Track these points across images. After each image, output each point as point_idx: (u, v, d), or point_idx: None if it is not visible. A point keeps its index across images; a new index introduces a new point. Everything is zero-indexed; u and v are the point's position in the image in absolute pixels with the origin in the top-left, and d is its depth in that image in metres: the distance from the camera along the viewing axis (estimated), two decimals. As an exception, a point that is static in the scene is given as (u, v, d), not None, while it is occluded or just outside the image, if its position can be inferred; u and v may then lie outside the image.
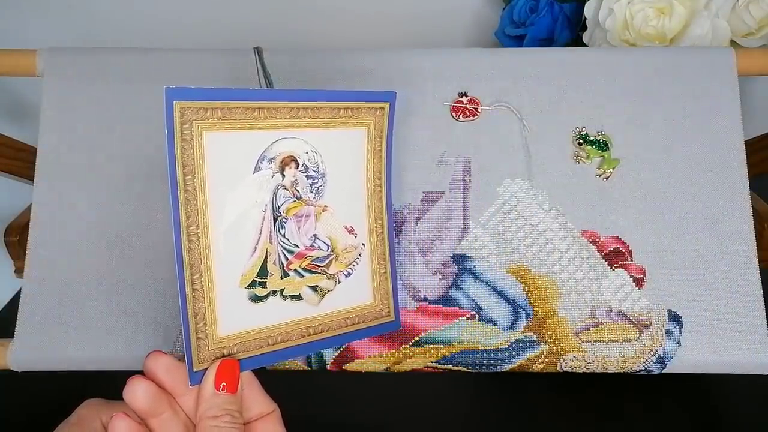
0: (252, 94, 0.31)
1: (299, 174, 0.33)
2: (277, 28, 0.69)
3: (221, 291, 0.31)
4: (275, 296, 0.33)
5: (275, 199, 0.32)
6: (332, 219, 0.35)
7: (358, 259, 0.36)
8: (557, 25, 0.60)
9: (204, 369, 0.31)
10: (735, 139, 0.42)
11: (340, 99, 0.34)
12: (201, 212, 0.30)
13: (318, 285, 0.34)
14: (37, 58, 0.43)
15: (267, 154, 0.32)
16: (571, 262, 0.41)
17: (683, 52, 0.44)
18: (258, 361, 0.32)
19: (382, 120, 0.36)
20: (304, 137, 0.33)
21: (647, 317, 0.40)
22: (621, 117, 0.43)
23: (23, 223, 0.57)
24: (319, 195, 0.34)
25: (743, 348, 0.39)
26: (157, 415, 0.30)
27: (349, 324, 0.35)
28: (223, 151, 0.30)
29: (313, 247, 0.34)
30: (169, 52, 0.44)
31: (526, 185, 0.42)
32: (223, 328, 0.31)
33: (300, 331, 0.34)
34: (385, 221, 0.37)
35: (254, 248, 0.32)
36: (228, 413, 0.29)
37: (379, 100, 0.35)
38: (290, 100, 0.32)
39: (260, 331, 0.32)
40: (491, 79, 0.44)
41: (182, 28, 0.68)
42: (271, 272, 0.33)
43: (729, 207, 0.41)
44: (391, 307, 0.37)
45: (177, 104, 0.28)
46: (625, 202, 0.42)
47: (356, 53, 0.44)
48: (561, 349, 0.39)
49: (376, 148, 0.36)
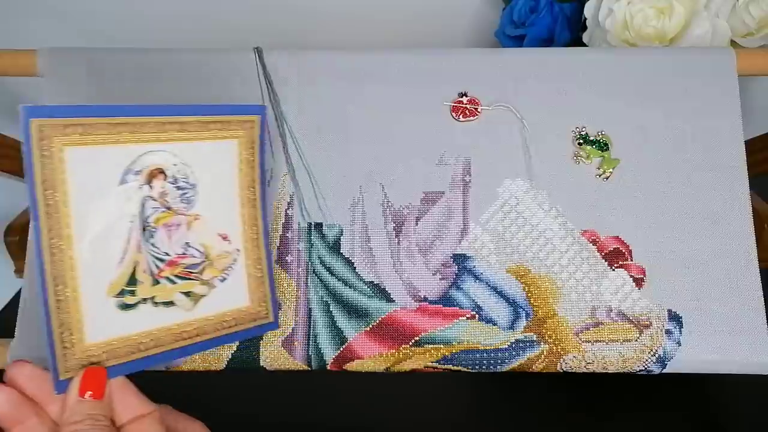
0: (114, 110, 0.31)
1: (168, 185, 0.34)
2: (277, 28, 0.69)
3: (88, 300, 0.32)
4: (146, 303, 0.34)
5: (143, 210, 0.33)
6: (204, 227, 0.36)
7: (234, 264, 0.37)
8: (557, 26, 0.60)
9: (70, 378, 0.31)
10: (735, 140, 0.42)
11: (208, 113, 0.35)
12: (64, 224, 0.30)
13: (192, 291, 0.35)
14: (37, 58, 0.43)
15: (133, 167, 0.33)
16: (571, 262, 0.41)
17: (683, 53, 0.44)
18: (129, 367, 0.33)
19: (254, 132, 0.37)
20: (172, 150, 0.34)
21: (647, 317, 0.40)
22: (621, 117, 0.43)
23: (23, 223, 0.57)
24: (190, 204, 0.35)
25: (743, 348, 0.39)
26: (21, 423, 0.31)
27: (225, 327, 0.37)
28: (86, 166, 0.31)
29: (186, 255, 0.35)
30: (169, 52, 0.44)
31: (526, 185, 0.42)
32: (90, 336, 0.32)
33: (173, 336, 0.35)
34: (260, 228, 0.38)
35: (122, 258, 0.33)
36: (90, 418, 0.30)
37: (249, 113, 0.36)
38: (155, 115, 0.33)
39: (130, 338, 0.33)
40: (491, 79, 0.44)
41: (182, 28, 0.68)
42: (141, 280, 0.33)
43: (729, 207, 0.41)
44: (270, 309, 0.38)
45: (34, 122, 0.29)
46: (625, 202, 0.42)
47: (356, 53, 0.44)
48: (561, 349, 0.39)
49: (248, 159, 0.37)
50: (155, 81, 0.43)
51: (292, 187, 0.42)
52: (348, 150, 0.43)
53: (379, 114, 0.43)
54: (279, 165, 0.42)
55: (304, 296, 0.41)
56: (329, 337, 0.40)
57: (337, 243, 0.41)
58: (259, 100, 0.43)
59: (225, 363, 0.39)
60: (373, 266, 0.41)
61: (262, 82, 0.43)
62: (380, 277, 0.41)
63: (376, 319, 0.40)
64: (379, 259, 0.41)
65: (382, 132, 0.43)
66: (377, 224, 0.42)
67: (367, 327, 0.40)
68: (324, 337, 0.40)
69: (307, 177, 0.42)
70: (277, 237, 0.41)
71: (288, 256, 0.41)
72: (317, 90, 0.44)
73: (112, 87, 0.43)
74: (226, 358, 0.39)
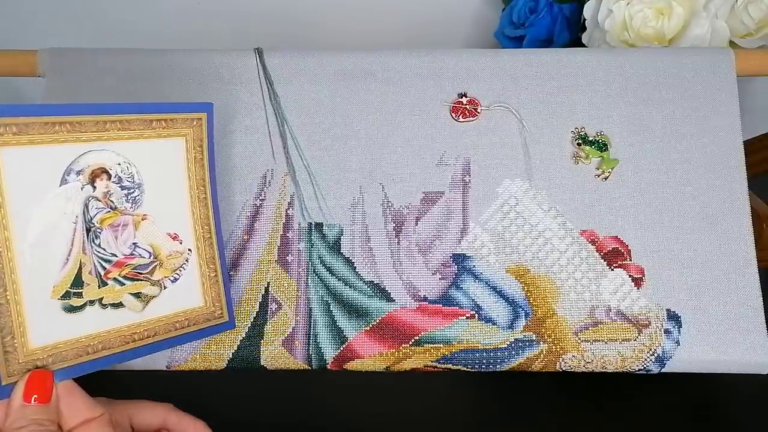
0: (48, 109, 0.31)
1: (112, 185, 0.33)
2: (277, 28, 0.69)
3: (31, 304, 0.31)
4: (93, 305, 0.33)
5: (87, 211, 0.33)
6: (153, 227, 0.35)
7: (185, 264, 0.36)
8: (556, 26, 0.61)
9: (14, 382, 0.31)
10: (734, 140, 0.42)
11: (150, 111, 0.34)
12: (1, 227, 0.30)
13: (141, 292, 0.35)
14: (37, 59, 0.43)
15: (74, 167, 0.32)
16: (570, 261, 0.41)
17: (682, 53, 0.45)
18: (76, 370, 0.32)
19: (201, 130, 0.36)
20: (115, 149, 0.33)
21: (646, 317, 0.40)
22: (620, 117, 0.43)
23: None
24: (136, 204, 0.35)
25: (742, 347, 0.39)
26: None
27: (178, 327, 0.36)
28: (22, 166, 0.30)
29: (134, 256, 0.35)
30: (169, 53, 0.44)
31: (526, 185, 0.42)
32: (34, 340, 0.31)
33: (123, 338, 0.34)
34: (213, 226, 0.38)
35: (66, 259, 0.32)
36: (35, 423, 0.30)
37: (194, 111, 0.36)
38: (94, 114, 0.32)
39: (78, 341, 0.33)
40: (491, 79, 0.44)
41: (182, 28, 0.68)
42: (87, 282, 0.33)
43: (728, 207, 0.41)
44: (224, 308, 0.38)
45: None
46: (624, 202, 0.42)
47: (356, 53, 0.44)
48: (560, 349, 0.40)
49: (197, 157, 0.37)
50: (155, 82, 0.43)
51: (292, 187, 0.42)
52: (348, 150, 0.43)
53: (379, 114, 0.43)
54: (279, 165, 0.42)
55: (304, 296, 0.41)
56: (329, 336, 0.40)
57: (337, 243, 0.41)
58: (260, 100, 0.43)
59: (226, 362, 0.39)
60: (373, 266, 0.41)
61: (262, 83, 0.43)
62: (380, 277, 0.41)
63: (376, 318, 0.40)
64: (379, 258, 0.41)
65: (382, 132, 0.43)
66: (377, 224, 0.42)
67: (367, 326, 0.40)
68: (324, 336, 0.40)
69: (308, 177, 0.42)
70: (278, 237, 0.41)
71: (288, 255, 0.41)
72: (317, 90, 0.44)
73: (112, 87, 0.43)
74: (227, 357, 0.39)
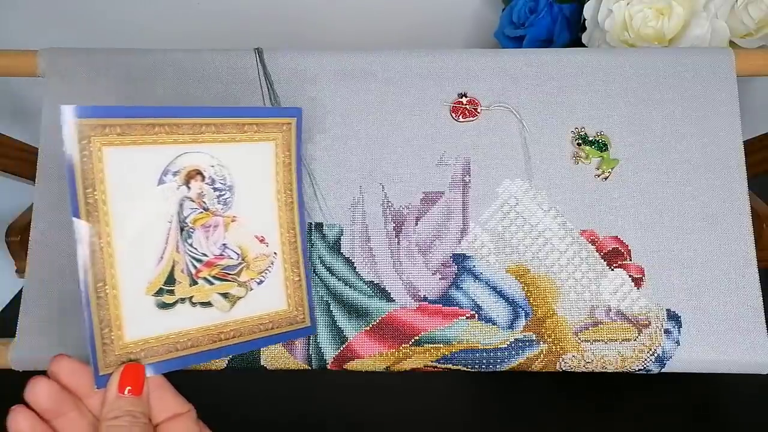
0: (150, 111, 0.32)
1: (206, 186, 0.34)
2: (277, 28, 0.69)
3: (127, 298, 0.32)
4: (184, 303, 0.34)
5: (181, 210, 0.34)
6: (242, 229, 0.36)
7: (270, 267, 0.37)
8: (556, 26, 0.61)
9: (110, 373, 0.32)
10: (733, 140, 0.42)
11: (244, 115, 0.35)
12: (103, 223, 0.31)
13: (229, 292, 0.36)
14: (37, 59, 0.43)
15: (171, 168, 0.33)
16: (570, 261, 0.41)
17: (682, 53, 0.45)
18: (166, 365, 0.34)
19: (290, 134, 0.37)
20: (209, 151, 0.34)
21: (646, 317, 0.40)
22: (620, 117, 0.43)
23: (24, 223, 0.57)
24: (227, 206, 0.35)
25: (742, 347, 0.39)
26: (62, 415, 0.31)
27: (262, 329, 0.37)
28: (124, 166, 0.31)
29: (223, 256, 0.35)
30: (169, 53, 0.44)
31: (526, 185, 0.42)
32: (129, 333, 0.32)
33: (210, 337, 0.35)
34: (298, 231, 0.38)
35: (161, 257, 0.33)
36: (129, 414, 0.31)
37: (284, 116, 0.37)
38: (192, 116, 0.33)
39: (168, 337, 0.34)
40: (491, 79, 0.44)
41: (182, 28, 0.68)
42: (179, 280, 0.34)
43: (728, 207, 0.41)
44: (306, 313, 0.38)
45: (74, 122, 0.30)
46: (624, 202, 0.42)
47: (356, 53, 0.44)
48: (560, 349, 0.40)
49: (285, 161, 0.37)
50: (156, 81, 0.43)
51: (292, 187, 0.42)
52: (348, 150, 0.43)
53: (379, 114, 0.43)
54: (279, 165, 0.42)
55: (304, 296, 0.41)
56: (329, 336, 0.40)
57: (337, 243, 0.41)
58: (259, 100, 0.43)
59: (226, 362, 0.39)
60: (373, 266, 0.41)
61: (262, 83, 0.44)
62: (380, 277, 0.41)
63: (376, 318, 0.40)
64: (379, 258, 0.41)
65: (382, 132, 0.43)
66: (377, 224, 0.42)
67: (367, 326, 0.40)
68: (324, 336, 0.40)
69: (308, 177, 0.42)
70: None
71: (288, 255, 0.41)
72: (317, 90, 0.44)
73: (112, 87, 0.43)
74: (227, 357, 0.39)
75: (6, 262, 0.59)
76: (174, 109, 0.33)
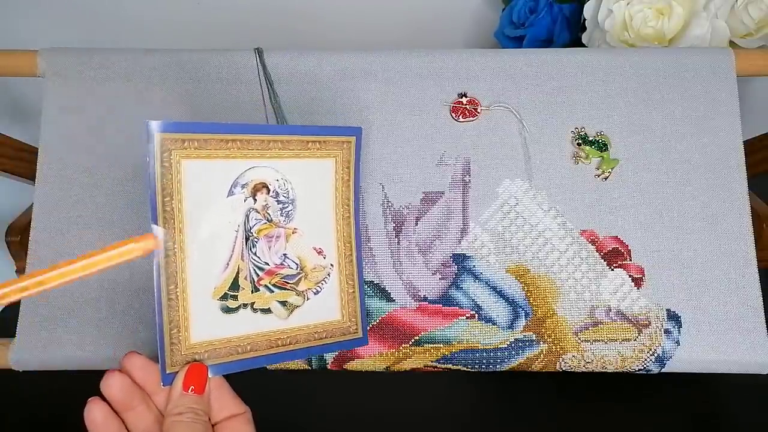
0: (226, 128, 0.34)
1: (270, 199, 0.36)
2: (277, 28, 0.69)
3: (195, 301, 0.34)
4: (246, 309, 0.36)
5: (247, 221, 0.36)
6: (301, 240, 0.37)
7: (327, 278, 0.38)
8: (556, 26, 0.61)
9: (176, 371, 0.33)
10: (733, 140, 0.43)
11: (308, 133, 0.37)
12: (177, 230, 0.33)
13: (287, 300, 0.37)
14: (37, 59, 0.43)
15: (240, 181, 0.35)
16: (570, 261, 0.41)
17: (682, 53, 0.45)
18: (227, 367, 0.35)
19: (350, 152, 0.38)
20: (275, 166, 0.36)
21: (646, 317, 0.40)
22: (620, 117, 0.43)
23: (24, 223, 0.57)
24: (289, 218, 0.37)
25: (742, 347, 0.39)
26: (131, 409, 0.33)
27: (317, 338, 0.38)
28: (199, 177, 0.34)
29: (283, 266, 0.37)
30: (169, 53, 0.44)
31: (526, 185, 0.42)
32: (195, 335, 0.34)
33: (268, 342, 0.36)
34: (354, 245, 0.39)
35: (227, 264, 0.35)
36: (192, 411, 0.32)
37: (345, 134, 0.38)
38: (261, 134, 0.35)
39: (230, 340, 0.35)
40: (491, 79, 0.44)
41: (182, 28, 0.69)
42: (243, 287, 0.36)
43: (728, 207, 0.41)
44: (359, 325, 0.39)
45: (157, 136, 0.32)
46: (624, 202, 0.42)
47: (356, 53, 0.44)
48: (560, 349, 0.40)
49: (344, 178, 0.39)
50: (156, 81, 0.43)
51: (292, 187, 0.42)
52: (348, 150, 0.43)
53: (379, 114, 0.43)
54: (279, 165, 0.43)
55: (304, 296, 0.41)
56: (329, 336, 0.40)
57: (337, 243, 0.41)
58: (259, 100, 0.43)
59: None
60: (373, 266, 0.41)
61: (262, 83, 0.44)
62: (380, 277, 0.41)
63: (376, 318, 0.40)
64: (379, 258, 0.41)
65: (382, 132, 0.43)
66: (377, 224, 0.42)
67: (368, 326, 0.40)
68: (324, 336, 0.40)
69: (308, 177, 0.42)
70: (278, 237, 0.41)
71: (288, 255, 0.41)
72: (317, 90, 0.44)
73: (112, 87, 0.43)
74: None
75: (6, 262, 0.59)
76: (247, 126, 0.36)
